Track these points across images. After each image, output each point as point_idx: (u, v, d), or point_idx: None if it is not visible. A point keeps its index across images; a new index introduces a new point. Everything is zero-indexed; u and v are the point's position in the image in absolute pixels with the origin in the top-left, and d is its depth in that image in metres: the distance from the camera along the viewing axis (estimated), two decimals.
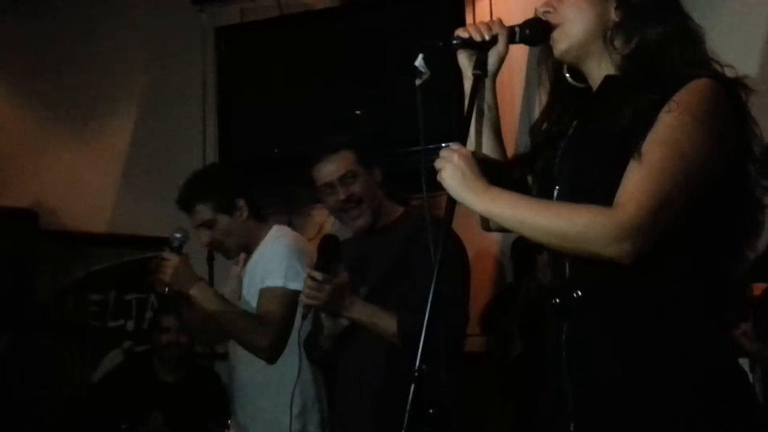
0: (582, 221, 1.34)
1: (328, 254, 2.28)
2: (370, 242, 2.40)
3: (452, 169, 1.42)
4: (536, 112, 3.68)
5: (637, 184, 1.32)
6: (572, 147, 1.50)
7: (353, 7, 4.17)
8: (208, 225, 2.62)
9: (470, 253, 2.42)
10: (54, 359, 4.19)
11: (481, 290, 3.82)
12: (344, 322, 2.27)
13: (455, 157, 1.42)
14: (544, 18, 1.52)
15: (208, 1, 4.34)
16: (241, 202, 2.65)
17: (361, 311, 2.23)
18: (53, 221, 4.31)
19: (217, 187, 2.68)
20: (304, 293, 2.23)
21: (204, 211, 2.61)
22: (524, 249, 3.29)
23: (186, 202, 2.65)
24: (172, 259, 2.50)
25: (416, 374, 1.32)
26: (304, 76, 3.94)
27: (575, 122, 1.52)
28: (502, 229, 1.56)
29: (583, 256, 1.36)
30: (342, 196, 2.34)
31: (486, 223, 1.59)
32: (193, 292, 2.48)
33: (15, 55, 4.41)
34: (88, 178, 4.52)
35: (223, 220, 2.62)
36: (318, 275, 2.20)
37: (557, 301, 1.45)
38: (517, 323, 3.20)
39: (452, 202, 1.44)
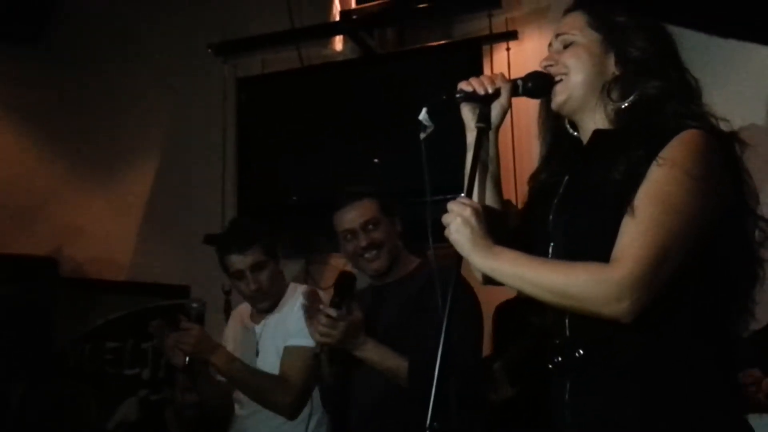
0: (581, 280, 1.32)
1: (343, 291, 2.27)
2: (387, 291, 2.40)
3: (462, 224, 1.40)
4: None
5: (632, 240, 1.30)
6: (565, 203, 1.49)
7: (372, 59, 4.23)
8: (259, 267, 2.59)
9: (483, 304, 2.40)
10: (70, 406, 4.18)
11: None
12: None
13: (467, 212, 1.41)
14: (545, 70, 1.53)
15: (230, 53, 4.42)
16: (280, 252, 2.67)
17: (373, 351, 2.22)
18: (73, 269, 4.34)
19: (268, 232, 2.70)
20: (318, 330, 2.21)
21: (259, 253, 2.59)
22: (510, 315, 3.28)
23: (243, 241, 2.59)
24: (192, 329, 2.48)
25: (428, 431, 1.29)
26: (323, 126, 3.98)
27: (566, 178, 1.51)
28: (501, 283, 1.55)
29: (584, 314, 1.34)
30: (363, 243, 2.34)
31: (487, 277, 1.57)
32: (214, 359, 2.48)
33: (39, 106, 4.50)
34: (108, 227, 4.56)
35: (272, 265, 2.62)
36: (332, 312, 2.19)
37: (559, 359, 1.43)
38: (507, 368, 3.16)
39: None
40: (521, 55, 3.86)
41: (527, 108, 1.61)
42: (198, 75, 4.56)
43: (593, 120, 1.50)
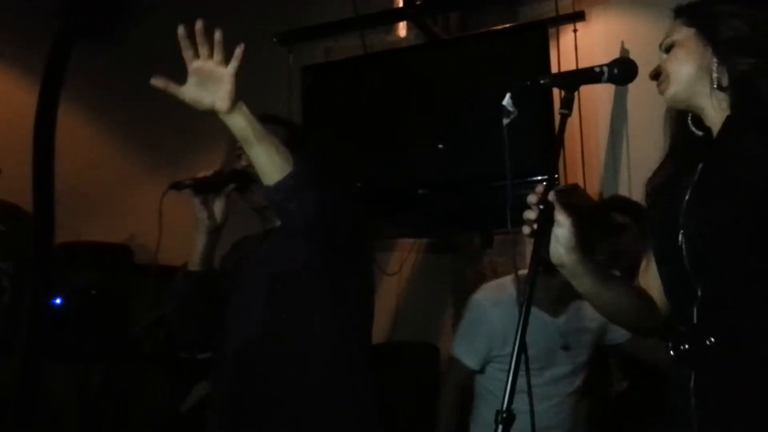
0: None
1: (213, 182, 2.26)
2: (264, 241, 2.38)
3: None
4: (622, 149, 3.63)
5: None
6: (700, 194, 1.46)
7: (437, 45, 4.21)
8: None
9: None
10: (145, 390, 4.30)
11: None
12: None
13: None
14: (660, 88, 1.55)
15: (295, 42, 4.46)
16: None
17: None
18: (146, 256, 4.46)
19: None
20: None
21: None
22: None
23: None
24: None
25: (504, 415, 1.28)
26: (388, 113, 3.98)
27: (701, 165, 1.49)
28: None
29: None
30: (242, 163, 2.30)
31: None
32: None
33: (110, 98, 4.62)
34: (179, 215, 4.64)
35: None
36: None
37: (686, 347, 1.41)
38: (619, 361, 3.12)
39: (541, 239, 1.40)
40: (589, 37, 3.79)
41: (594, 95, 1.59)
42: (263, 65, 4.61)
43: (718, 108, 1.50)
